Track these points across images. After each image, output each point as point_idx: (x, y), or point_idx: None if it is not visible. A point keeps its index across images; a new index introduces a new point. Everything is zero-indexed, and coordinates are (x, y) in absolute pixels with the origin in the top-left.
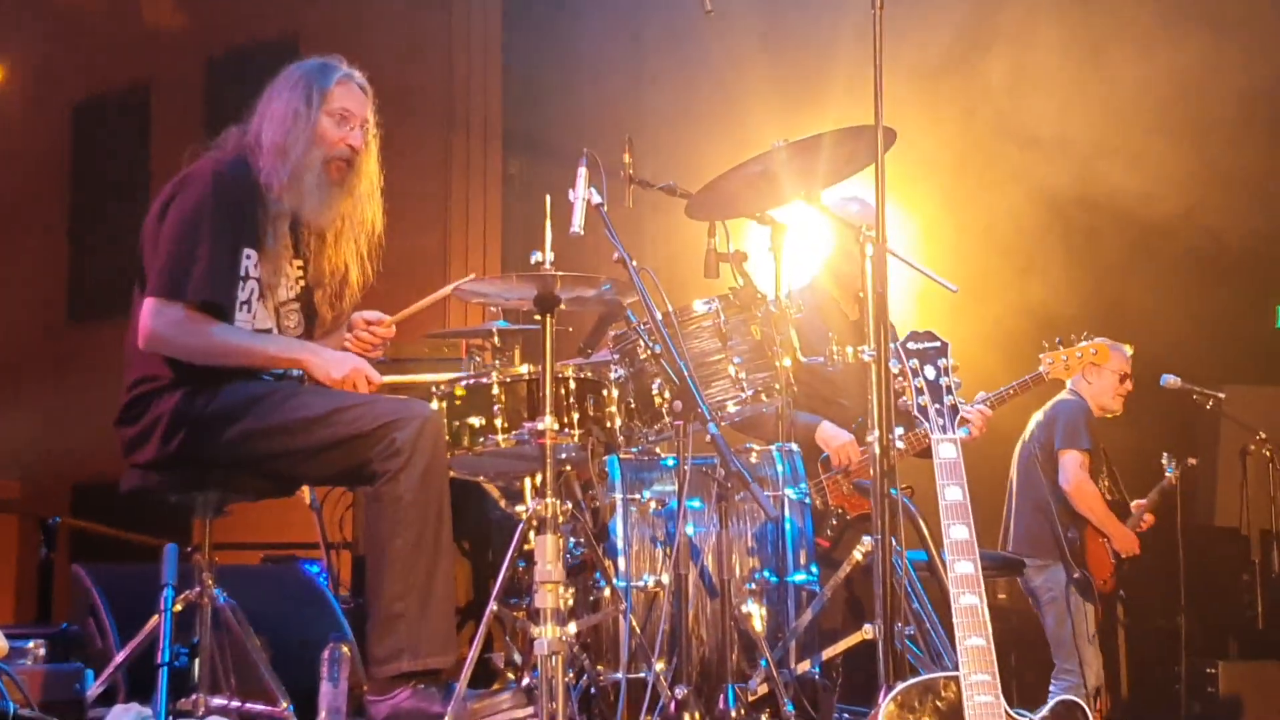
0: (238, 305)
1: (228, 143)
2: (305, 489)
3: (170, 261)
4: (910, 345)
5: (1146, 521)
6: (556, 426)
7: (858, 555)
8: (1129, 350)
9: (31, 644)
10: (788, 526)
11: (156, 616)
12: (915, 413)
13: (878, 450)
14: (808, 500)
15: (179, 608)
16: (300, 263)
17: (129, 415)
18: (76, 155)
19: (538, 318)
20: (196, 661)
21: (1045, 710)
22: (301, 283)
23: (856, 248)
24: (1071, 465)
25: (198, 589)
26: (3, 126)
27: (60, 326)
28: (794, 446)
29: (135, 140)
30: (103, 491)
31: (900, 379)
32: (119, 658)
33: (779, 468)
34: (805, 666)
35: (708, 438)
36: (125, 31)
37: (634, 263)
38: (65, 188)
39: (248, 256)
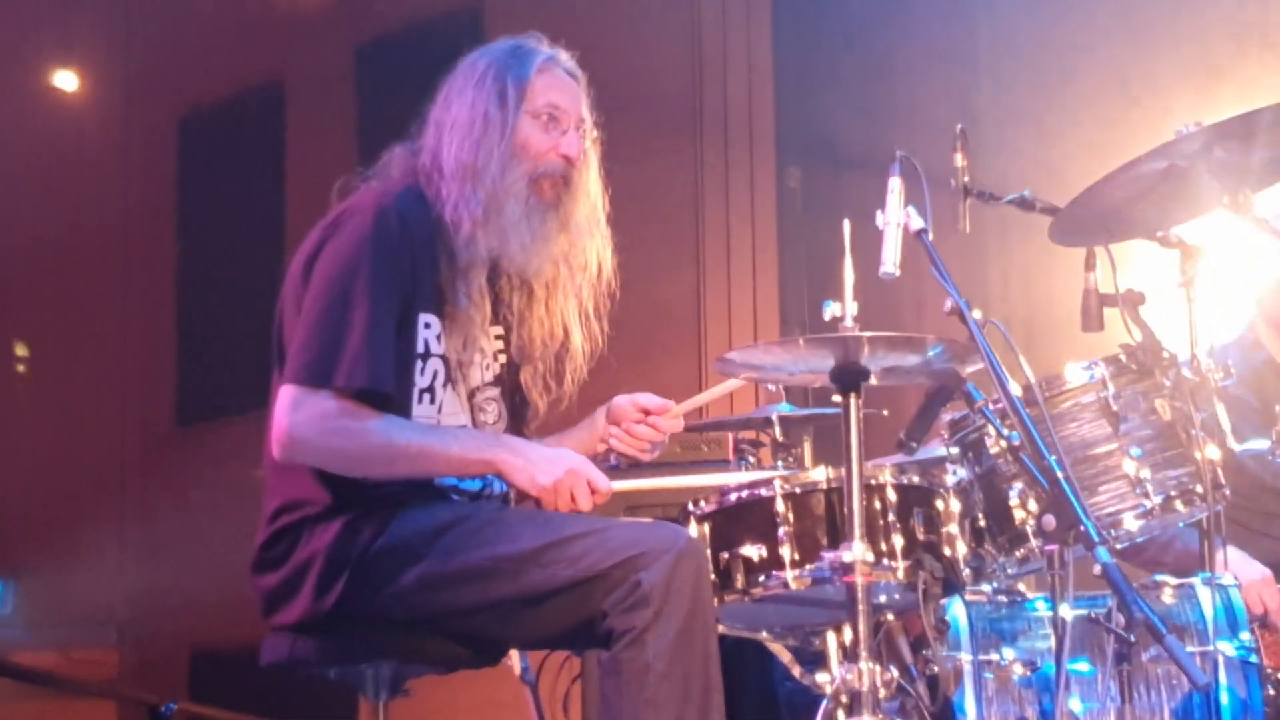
0: (415, 394)
1: (392, 168)
2: (514, 655)
3: (315, 335)
4: None
5: None
6: (871, 557)
7: None
8: None
9: None
10: (1225, 698)
11: None
12: None
13: None
14: (1253, 659)
15: None
16: (500, 331)
17: (269, 557)
18: (183, 187)
19: (837, 398)
20: None
21: None
22: (502, 358)
23: None
24: None
25: None
26: (85, 158)
27: (166, 432)
28: (1230, 579)
29: (263, 161)
30: (233, 663)
31: None
32: None
33: (1208, 611)
34: None
35: (1096, 569)
36: (247, 15)
37: (975, 313)
38: (171, 234)
39: (426, 325)
